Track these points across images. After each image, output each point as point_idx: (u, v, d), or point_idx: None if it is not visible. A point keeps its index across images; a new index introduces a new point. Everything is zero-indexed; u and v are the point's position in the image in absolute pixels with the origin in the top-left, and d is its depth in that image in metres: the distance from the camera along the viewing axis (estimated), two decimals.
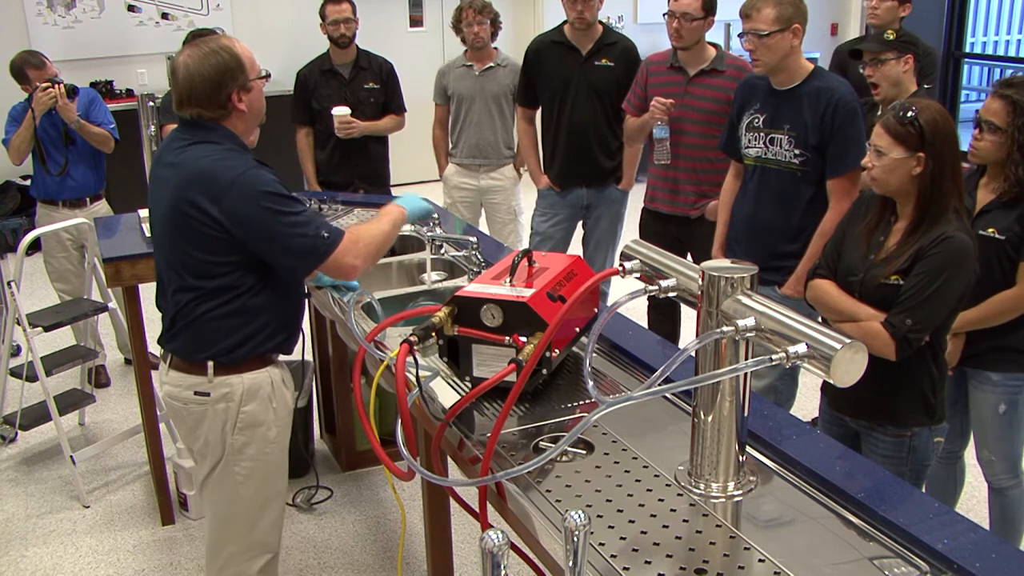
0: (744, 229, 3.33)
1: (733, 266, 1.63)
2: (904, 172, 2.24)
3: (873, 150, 2.29)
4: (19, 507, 3.63)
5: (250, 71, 2.25)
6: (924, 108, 2.24)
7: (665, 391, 1.57)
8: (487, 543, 1.24)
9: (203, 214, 2.15)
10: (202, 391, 2.29)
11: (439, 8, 8.27)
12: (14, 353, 4.34)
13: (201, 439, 2.34)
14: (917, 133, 2.21)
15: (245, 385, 2.29)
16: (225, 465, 2.34)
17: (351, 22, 4.47)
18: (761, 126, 3.18)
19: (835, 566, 1.49)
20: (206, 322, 2.25)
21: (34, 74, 4.29)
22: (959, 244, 2.20)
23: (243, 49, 2.26)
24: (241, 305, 2.25)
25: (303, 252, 2.20)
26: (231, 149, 2.23)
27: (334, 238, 2.22)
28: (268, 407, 2.34)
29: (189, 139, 2.24)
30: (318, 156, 4.60)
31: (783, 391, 3.40)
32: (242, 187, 2.14)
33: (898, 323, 2.21)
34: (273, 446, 2.37)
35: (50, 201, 4.48)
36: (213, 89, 2.19)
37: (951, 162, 2.24)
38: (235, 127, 2.27)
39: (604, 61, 4.12)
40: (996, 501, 2.87)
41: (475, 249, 3.02)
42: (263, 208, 2.14)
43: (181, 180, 2.19)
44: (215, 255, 2.19)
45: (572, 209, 4.34)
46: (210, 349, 2.27)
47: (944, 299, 2.21)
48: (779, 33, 3.03)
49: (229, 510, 2.40)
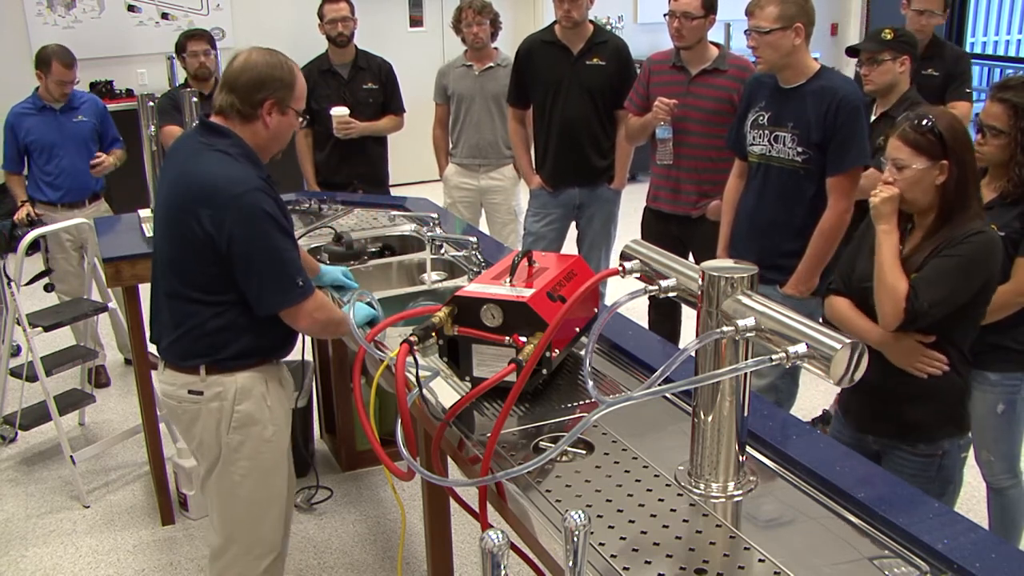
0: (747, 227, 3.33)
1: (733, 266, 1.63)
2: (928, 183, 2.19)
3: (892, 165, 2.23)
4: (19, 507, 3.63)
5: (295, 99, 2.27)
6: (939, 115, 2.21)
7: (665, 391, 1.57)
8: (487, 543, 1.24)
9: (199, 224, 2.15)
10: (196, 390, 2.30)
11: (439, 8, 8.27)
12: (14, 353, 4.34)
13: (197, 438, 2.36)
14: (937, 141, 2.16)
15: (238, 385, 2.29)
16: (223, 465, 2.35)
17: (349, 21, 4.47)
18: (766, 124, 3.19)
19: (835, 566, 1.49)
20: (196, 330, 2.26)
21: (57, 70, 4.31)
22: (990, 239, 2.18)
23: (301, 79, 2.30)
24: (232, 320, 2.25)
25: (274, 288, 2.19)
26: (243, 162, 2.21)
27: (306, 291, 2.23)
28: (263, 406, 2.33)
29: (204, 145, 2.23)
30: (317, 156, 4.60)
31: (783, 390, 3.40)
32: (244, 203, 2.13)
33: (914, 299, 2.15)
34: (269, 445, 2.37)
35: (48, 203, 4.48)
36: (255, 85, 2.20)
37: (972, 167, 2.21)
38: (253, 139, 2.26)
39: (595, 60, 4.12)
40: (995, 501, 2.88)
41: (475, 249, 3.02)
42: (256, 228, 2.14)
43: (187, 187, 2.19)
44: (210, 266, 2.19)
45: (564, 209, 4.33)
46: (201, 356, 2.28)
47: (964, 288, 2.16)
48: (781, 31, 3.03)
49: (229, 509, 2.40)
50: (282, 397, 2.41)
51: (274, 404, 2.37)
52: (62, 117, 4.45)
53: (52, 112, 4.44)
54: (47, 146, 4.42)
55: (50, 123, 4.43)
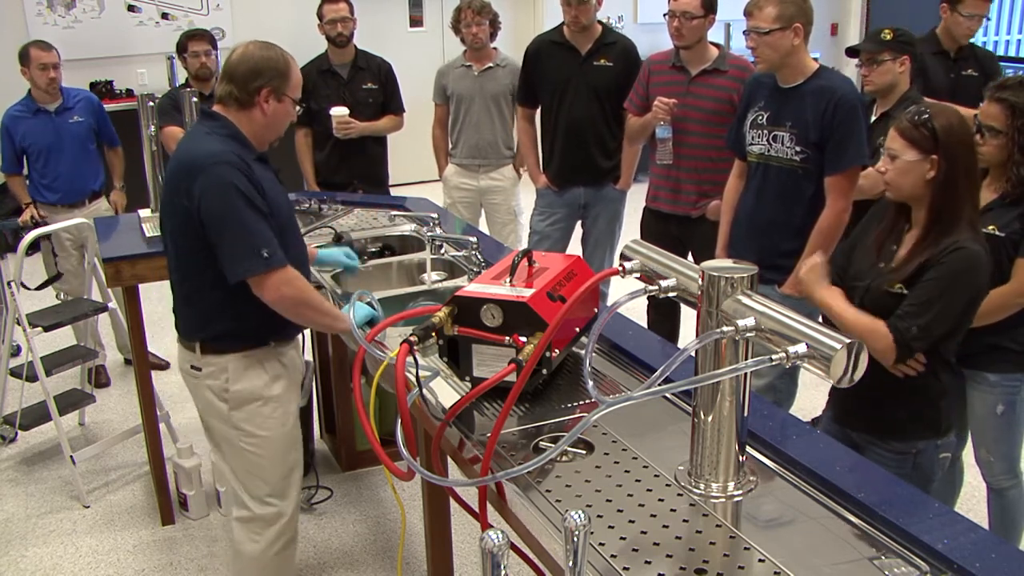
0: (746, 226, 3.34)
1: (733, 266, 1.63)
2: (917, 176, 2.20)
3: (886, 154, 2.25)
4: (19, 507, 3.63)
5: (291, 87, 2.39)
6: (940, 112, 2.21)
7: (665, 391, 1.57)
8: (487, 543, 1.24)
9: (185, 198, 2.27)
10: (196, 365, 2.45)
11: (439, 8, 8.27)
12: (14, 353, 4.34)
13: (201, 409, 2.52)
14: (930, 136, 2.17)
15: (232, 365, 2.41)
16: (230, 441, 2.48)
17: (348, 21, 4.47)
18: (764, 123, 3.19)
19: (835, 566, 1.49)
20: (193, 305, 2.42)
21: (36, 54, 4.33)
22: (971, 254, 2.15)
23: (296, 68, 2.42)
24: (218, 298, 2.36)
25: (238, 255, 2.26)
26: (227, 141, 2.32)
27: (271, 263, 2.27)
28: (260, 385, 2.44)
29: (199, 131, 2.39)
30: (317, 156, 4.60)
31: (782, 390, 3.40)
32: (213, 173, 2.24)
33: (903, 329, 2.15)
34: (272, 421, 2.47)
35: (48, 204, 4.48)
36: (251, 74, 2.33)
37: (965, 168, 2.19)
38: (250, 125, 2.38)
39: (603, 61, 4.13)
40: (995, 501, 2.87)
41: (475, 249, 3.02)
42: (226, 200, 2.24)
43: (176, 166, 2.35)
44: (196, 240, 2.30)
45: (570, 208, 4.34)
46: (198, 331, 2.43)
47: (951, 308, 2.16)
48: (780, 31, 3.03)
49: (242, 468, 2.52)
50: (281, 375, 2.49)
51: (273, 382, 2.46)
52: (58, 119, 4.44)
53: (47, 115, 4.43)
54: (44, 150, 4.41)
55: (46, 126, 4.42)
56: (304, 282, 2.38)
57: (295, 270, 2.34)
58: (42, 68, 4.33)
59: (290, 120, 2.46)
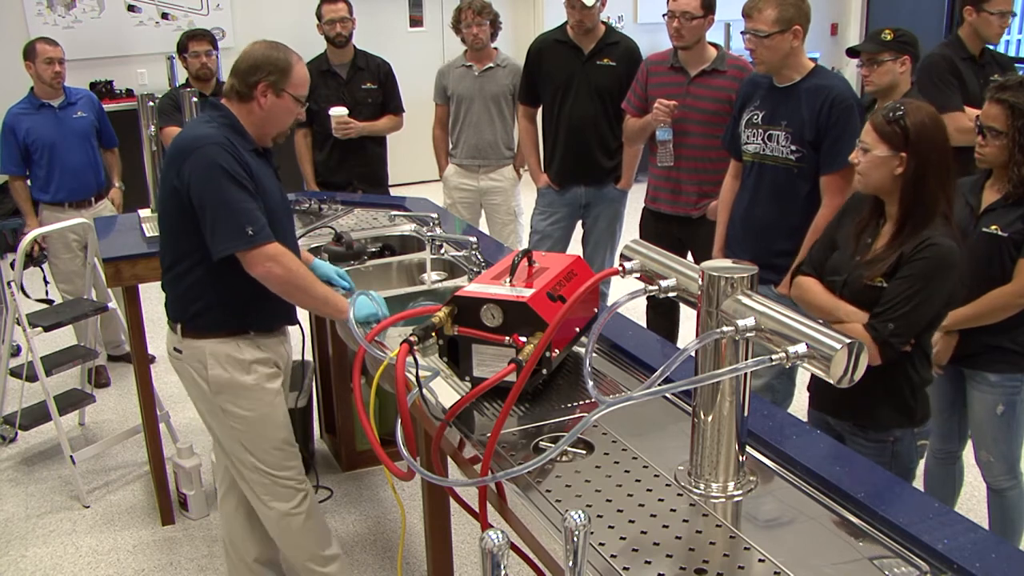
0: (741, 226, 3.34)
1: (733, 266, 1.63)
2: (886, 171, 2.23)
3: (860, 146, 2.29)
4: (19, 507, 3.63)
5: (292, 84, 2.44)
6: (915, 110, 2.22)
7: (665, 391, 1.57)
8: (487, 543, 1.24)
9: (177, 179, 2.34)
10: (178, 347, 2.53)
11: (439, 8, 8.27)
12: (14, 353, 4.34)
13: (187, 388, 2.59)
14: (902, 133, 2.20)
15: (208, 350, 2.46)
16: (217, 419, 2.54)
17: (347, 21, 4.47)
18: (760, 122, 3.19)
19: (835, 566, 1.49)
20: (175, 286, 2.47)
21: (42, 48, 4.33)
22: (943, 250, 2.18)
23: (301, 68, 2.47)
24: (198, 277, 2.42)
25: (224, 233, 2.31)
26: (221, 128, 2.38)
27: (257, 240, 2.31)
28: (237, 372, 2.48)
29: (201, 118, 2.46)
30: (316, 157, 4.60)
31: (780, 390, 3.40)
32: (200, 153, 2.31)
33: (880, 327, 2.18)
34: (256, 403, 2.52)
35: (54, 203, 4.47)
36: (251, 68, 2.41)
37: (937, 167, 2.21)
38: (248, 118, 2.44)
39: (606, 61, 4.13)
40: (995, 502, 2.87)
41: (475, 249, 3.02)
42: (211, 178, 2.29)
43: (171, 148, 2.41)
44: (187, 221, 2.35)
45: (571, 208, 4.34)
46: (180, 313, 2.49)
47: (927, 305, 2.19)
48: (779, 34, 3.03)
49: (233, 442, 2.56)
50: (259, 366, 2.52)
51: (250, 371, 2.49)
52: (61, 114, 4.43)
53: (51, 109, 4.42)
54: (48, 144, 4.40)
55: (49, 121, 4.41)
56: (295, 262, 2.41)
57: (284, 247, 2.38)
58: (48, 62, 4.33)
59: (293, 116, 2.51)
